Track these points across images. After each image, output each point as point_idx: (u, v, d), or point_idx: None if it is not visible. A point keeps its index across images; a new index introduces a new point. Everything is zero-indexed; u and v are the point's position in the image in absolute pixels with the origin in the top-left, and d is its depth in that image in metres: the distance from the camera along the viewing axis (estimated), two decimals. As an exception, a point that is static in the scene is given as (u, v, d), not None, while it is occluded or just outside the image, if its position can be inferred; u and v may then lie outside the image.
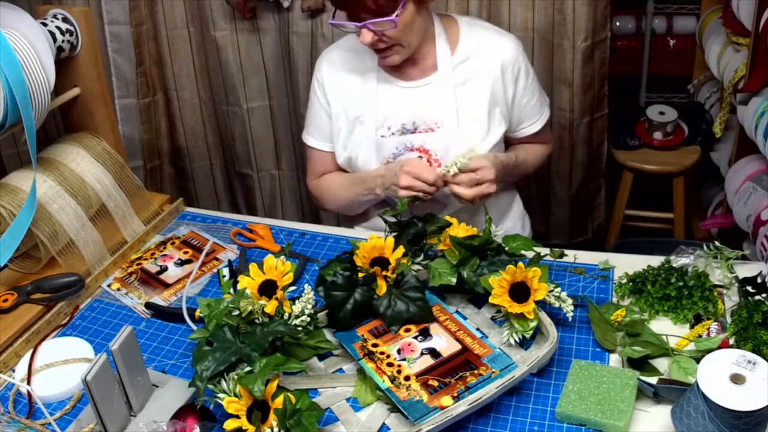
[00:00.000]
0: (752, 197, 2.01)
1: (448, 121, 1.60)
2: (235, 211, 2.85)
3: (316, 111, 1.72)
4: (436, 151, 1.61)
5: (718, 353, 1.08)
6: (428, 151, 1.61)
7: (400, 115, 1.63)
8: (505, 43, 1.64)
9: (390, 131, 1.63)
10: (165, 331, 1.44)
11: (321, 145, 1.73)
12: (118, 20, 2.41)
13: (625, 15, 3.11)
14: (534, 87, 1.69)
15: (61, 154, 1.62)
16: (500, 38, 1.65)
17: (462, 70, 1.62)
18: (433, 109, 1.61)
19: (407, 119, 1.63)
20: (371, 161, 1.64)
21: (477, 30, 1.65)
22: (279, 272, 1.28)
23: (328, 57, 1.70)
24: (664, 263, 1.42)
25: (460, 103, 1.61)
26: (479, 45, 1.63)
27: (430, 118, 1.62)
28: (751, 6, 1.94)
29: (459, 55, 1.62)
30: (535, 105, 1.70)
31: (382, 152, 1.63)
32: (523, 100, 1.67)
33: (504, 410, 1.21)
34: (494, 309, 1.35)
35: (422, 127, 1.62)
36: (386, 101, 1.63)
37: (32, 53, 1.44)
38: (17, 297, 1.44)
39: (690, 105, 2.73)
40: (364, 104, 1.64)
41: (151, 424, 1.16)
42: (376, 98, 1.63)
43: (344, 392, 1.26)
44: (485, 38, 1.64)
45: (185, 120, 2.69)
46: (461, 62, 1.62)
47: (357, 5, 1.45)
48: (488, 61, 1.62)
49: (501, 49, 1.63)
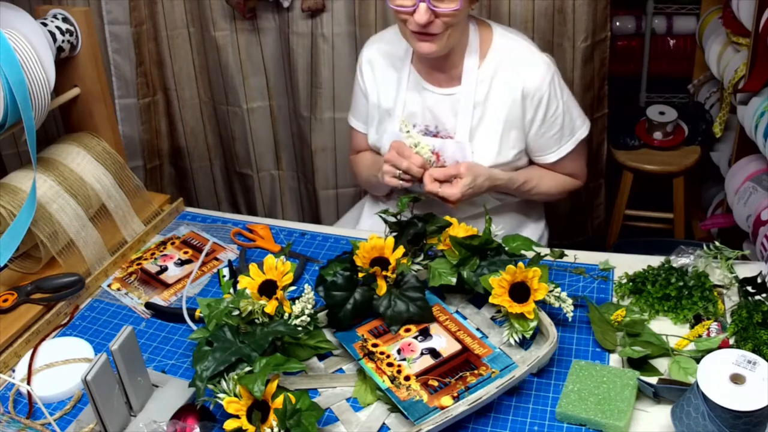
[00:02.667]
0: (752, 197, 2.01)
1: (461, 135, 1.61)
2: (235, 211, 2.85)
3: (356, 93, 1.80)
4: (446, 158, 1.63)
5: (718, 353, 1.08)
6: (439, 155, 1.64)
7: (424, 117, 1.66)
8: (532, 68, 1.58)
9: (416, 129, 1.66)
10: (165, 331, 1.44)
11: (358, 126, 1.82)
12: (118, 20, 2.41)
13: (625, 15, 3.10)
14: (557, 119, 1.62)
15: (61, 154, 1.62)
16: (529, 61, 1.59)
17: (485, 86, 1.60)
18: (452, 120, 1.63)
19: (431, 122, 1.66)
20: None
21: (509, 44, 1.61)
22: (279, 272, 1.28)
23: (371, 48, 1.74)
24: (664, 263, 1.43)
25: (477, 119, 1.61)
26: (507, 63, 1.59)
27: (450, 127, 1.64)
28: (751, 6, 1.94)
29: (485, 70, 1.59)
30: (554, 137, 1.64)
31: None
32: (541, 130, 1.62)
33: (504, 410, 1.21)
34: (494, 309, 1.35)
35: (443, 133, 1.65)
36: (413, 102, 1.67)
37: (32, 53, 1.44)
38: (17, 297, 1.44)
39: (690, 105, 2.72)
40: (395, 99, 1.68)
41: (151, 424, 1.16)
42: (405, 97, 1.67)
43: (344, 392, 1.26)
44: (514, 57, 1.59)
45: (185, 120, 2.69)
46: (486, 78, 1.59)
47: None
48: (512, 81, 1.58)
49: (526, 73, 1.58)
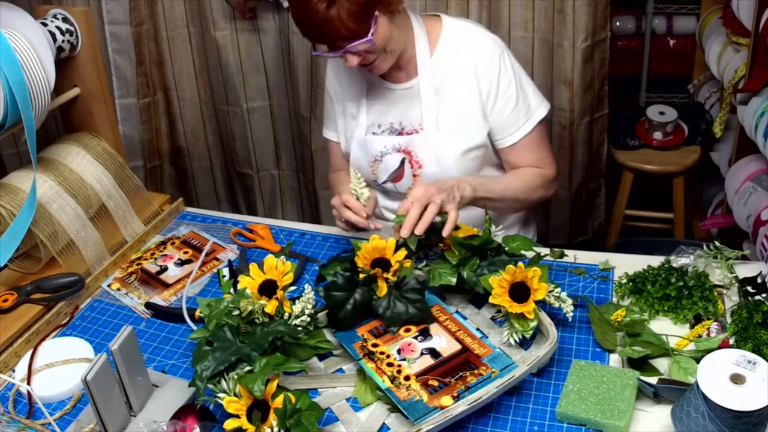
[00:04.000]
0: (752, 197, 2.01)
1: (428, 125, 1.60)
2: (235, 211, 2.85)
3: (326, 101, 1.76)
4: (417, 153, 1.61)
5: (718, 353, 1.08)
6: (410, 152, 1.62)
7: (388, 116, 1.64)
8: (480, 44, 1.58)
9: (381, 129, 1.65)
10: (165, 331, 1.44)
11: (333, 137, 1.77)
12: (118, 20, 2.41)
13: (625, 15, 3.11)
14: (511, 95, 1.58)
15: (61, 154, 1.62)
16: (477, 39, 1.59)
17: (441, 73, 1.59)
18: (417, 112, 1.61)
19: (395, 120, 1.64)
20: (360, 158, 1.67)
21: (457, 28, 1.61)
22: (279, 272, 1.28)
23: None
24: (664, 263, 1.42)
25: (440, 107, 1.59)
26: (457, 44, 1.59)
27: (415, 121, 1.62)
28: (751, 6, 1.94)
29: (436, 58, 1.59)
30: (511, 115, 1.59)
31: (370, 150, 1.65)
32: (497, 106, 1.58)
33: (504, 410, 1.21)
34: (494, 309, 1.35)
35: (408, 129, 1.63)
36: (376, 101, 1.65)
37: (32, 53, 1.44)
38: (17, 297, 1.44)
39: (690, 105, 2.73)
40: (357, 101, 1.66)
41: (151, 424, 1.16)
42: (367, 98, 1.65)
43: (344, 392, 1.26)
44: (463, 38, 1.59)
45: (185, 120, 2.69)
46: (439, 65, 1.59)
47: (332, 37, 1.44)
48: (464, 61, 1.58)
49: (475, 50, 1.58)
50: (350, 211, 1.45)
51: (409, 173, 1.63)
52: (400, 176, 1.64)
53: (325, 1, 1.38)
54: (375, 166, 1.66)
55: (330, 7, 1.38)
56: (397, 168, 1.63)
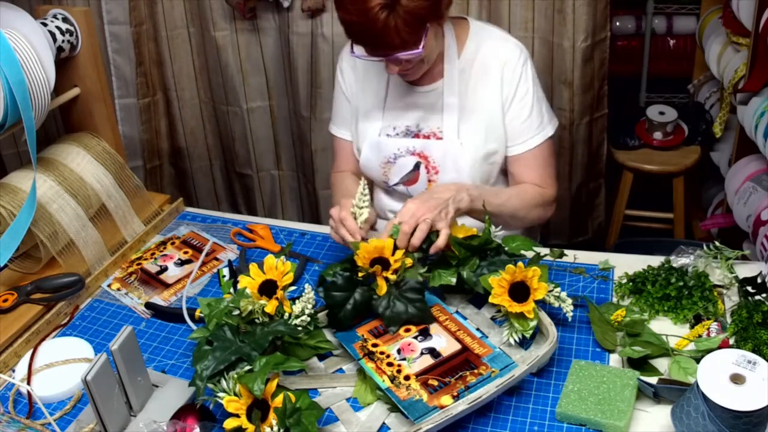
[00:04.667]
0: (752, 197, 2.01)
1: (448, 132, 1.59)
2: (235, 211, 2.85)
3: (338, 98, 1.73)
4: (434, 159, 1.60)
5: (718, 353, 1.08)
6: (427, 157, 1.60)
7: (406, 117, 1.63)
8: (508, 46, 1.59)
9: (395, 131, 1.63)
10: (165, 331, 1.44)
11: (343, 134, 1.74)
12: (118, 20, 2.41)
13: (625, 15, 3.11)
14: (527, 103, 1.58)
15: (61, 154, 1.62)
16: (505, 40, 1.60)
17: (466, 77, 1.59)
18: (438, 116, 1.60)
19: (412, 122, 1.62)
20: (371, 159, 1.65)
21: (485, 31, 1.61)
22: (279, 272, 1.28)
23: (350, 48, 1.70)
24: (664, 263, 1.42)
25: (463, 111, 1.59)
26: (482, 51, 1.59)
27: (435, 124, 1.61)
28: (751, 6, 1.94)
29: (462, 61, 1.59)
30: (524, 123, 1.59)
31: (383, 152, 1.63)
32: (513, 111, 1.58)
33: (504, 410, 1.21)
34: (494, 309, 1.35)
35: (425, 131, 1.61)
36: (395, 102, 1.63)
37: (32, 53, 1.44)
38: (17, 297, 1.44)
39: (690, 105, 2.73)
40: (374, 101, 1.65)
41: (151, 424, 1.16)
42: (386, 98, 1.64)
43: (344, 392, 1.26)
44: (489, 44, 1.59)
45: (185, 120, 2.69)
46: (465, 68, 1.59)
47: (383, 45, 1.41)
48: (490, 67, 1.58)
49: (502, 50, 1.58)
50: (345, 230, 1.43)
51: (424, 178, 1.62)
52: (414, 180, 1.63)
53: (385, 10, 1.36)
54: (387, 168, 1.64)
55: (389, 16, 1.36)
56: (410, 171, 1.62)
